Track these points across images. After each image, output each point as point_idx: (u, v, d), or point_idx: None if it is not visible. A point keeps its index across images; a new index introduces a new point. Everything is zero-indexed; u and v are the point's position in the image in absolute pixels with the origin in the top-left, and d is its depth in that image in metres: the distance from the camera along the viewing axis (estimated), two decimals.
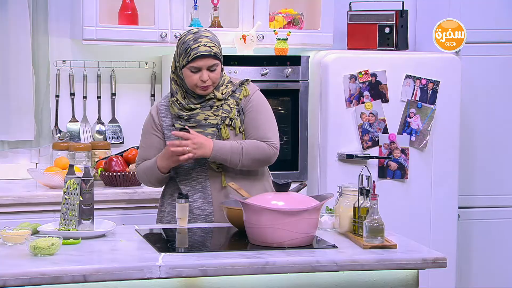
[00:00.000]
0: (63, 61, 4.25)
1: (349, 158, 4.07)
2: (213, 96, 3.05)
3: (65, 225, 2.76)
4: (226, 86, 3.09)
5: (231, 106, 3.07)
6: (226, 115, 3.05)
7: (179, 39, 3.04)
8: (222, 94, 3.06)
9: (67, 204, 2.77)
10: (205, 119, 3.04)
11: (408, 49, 4.44)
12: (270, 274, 2.50)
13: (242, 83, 3.12)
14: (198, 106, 3.05)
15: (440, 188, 4.22)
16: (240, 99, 3.09)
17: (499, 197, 4.58)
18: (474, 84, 4.48)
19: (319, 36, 4.30)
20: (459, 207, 4.33)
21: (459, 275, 4.46)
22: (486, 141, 4.55)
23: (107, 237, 2.76)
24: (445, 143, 4.22)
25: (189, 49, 2.97)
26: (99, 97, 4.32)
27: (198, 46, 2.97)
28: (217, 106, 3.05)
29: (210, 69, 2.99)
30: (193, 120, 3.04)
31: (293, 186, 2.89)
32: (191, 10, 4.23)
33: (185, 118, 3.04)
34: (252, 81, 4.03)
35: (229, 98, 3.07)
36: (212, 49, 2.98)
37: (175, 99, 3.06)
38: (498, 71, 4.52)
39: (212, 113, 3.04)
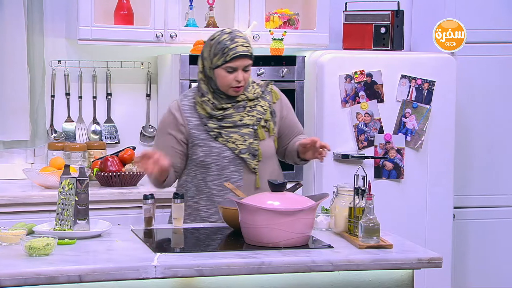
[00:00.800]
0: (59, 61, 4.25)
1: (344, 158, 4.07)
2: (244, 98, 3.05)
3: (60, 225, 2.76)
4: (253, 86, 3.09)
5: (264, 108, 3.08)
6: (261, 117, 3.06)
7: (212, 39, 3.03)
8: (253, 94, 3.06)
9: (62, 204, 2.76)
10: (240, 120, 3.03)
11: (403, 49, 4.45)
12: (265, 274, 2.50)
13: (267, 85, 3.13)
14: (229, 106, 3.04)
15: (436, 188, 4.23)
16: (273, 102, 3.11)
17: (495, 197, 4.58)
18: (470, 84, 4.48)
19: (315, 36, 4.31)
20: (455, 207, 4.34)
21: (455, 275, 4.46)
22: (481, 141, 4.55)
23: (103, 237, 2.76)
24: (440, 143, 4.23)
25: (227, 48, 2.97)
26: (94, 97, 4.32)
27: (236, 46, 2.97)
28: (250, 107, 3.05)
29: (244, 69, 3.00)
30: (228, 121, 3.03)
31: (288, 186, 2.89)
32: (187, 10, 4.23)
33: (218, 118, 3.02)
34: None
35: (259, 99, 3.08)
36: (249, 50, 3.00)
37: (207, 99, 3.04)
38: (494, 71, 4.52)
39: (246, 113, 3.04)
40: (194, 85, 3.87)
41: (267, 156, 3.08)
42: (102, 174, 3.91)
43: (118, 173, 3.90)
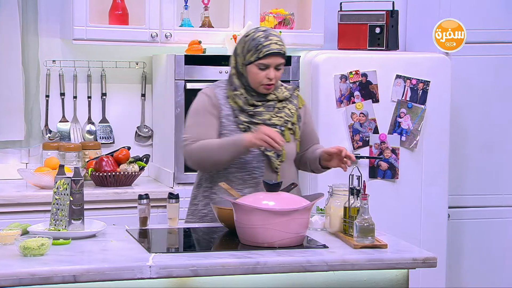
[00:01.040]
0: (53, 61, 4.24)
1: None
2: (274, 98, 3.06)
3: (55, 225, 2.75)
4: (281, 89, 3.11)
5: (291, 111, 3.09)
6: (288, 119, 3.07)
7: (247, 36, 3.03)
8: (282, 95, 3.08)
9: (57, 204, 2.76)
10: (269, 119, 3.04)
11: (398, 49, 4.45)
12: (261, 274, 2.50)
13: (294, 90, 3.15)
14: (260, 104, 3.04)
15: (431, 188, 4.23)
16: (300, 108, 3.13)
17: (489, 196, 4.59)
18: (464, 84, 4.49)
19: (310, 36, 4.31)
20: (449, 207, 4.34)
21: (449, 274, 4.47)
22: (476, 141, 4.56)
23: (98, 237, 2.75)
24: (435, 143, 4.23)
25: (260, 45, 2.97)
26: (89, 97, 4.32)
27: (270, 43, 2.97)
28: (278, 108, 3.07)
29: (277, 67, 3.00)
30: (258, 118, 3.03)
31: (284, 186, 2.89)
32: (182, 10, 4.23)
33: (249, 113, 3.03)
34: None
35: (287, 102, 3.09)
36: (282, 48, 3.00)
37: (239, 93, 3.04)
38: (488, 71, 4.53)
39: (275, 114, 3.05)
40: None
41: (289, 158, 3.10)
42: (97, 174, 3.90)
43: (113, 173, 3.90)
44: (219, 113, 3.04)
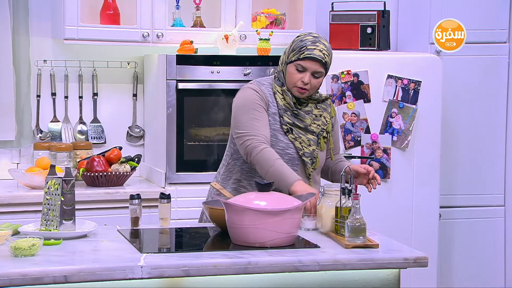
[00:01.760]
0: (44, 60, 4.23)
1: None
2: (312, 104, 3.04)
3: (46, 225, 2.75)
4: (317, 95, 3.07)
5: (326, 119, 3.08)
6: (324, 128, 3.07)
7: (298, 36, 3.03)
8: (321, 98, 3.06)
9: (48, 204, 2.75)
10: (309, 125, 3.03)
11: (390, 49, 4.46)
12: (252, 274, 2.50)
13: (327, 99, 3.12)
14: (300, 106, 3.03)
15: (422, 188, 4.24)
16: (332, 117, 3.12)
17: (480, 196, 4.60)
18: (455, 84, 4.50)
19: None
20: (441, 207, 4.35)
21: (441, 274, 4.48)
22: (467, 140, 4.57)
23: (89, 238, 2.75)
24: (426, 142, 4.24)
25: (305, 47, 2.96)
26: (80, 97, 4.31)
27: (315, 48, 2.96)
28: (316, 115, 3.06)
29: (314, 74, 2.98)
30: (301, 121, 3.02)
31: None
32: (173, 10, 4.23)
33: (294, 112, 3.01)
34: (234, 81, 4.07)
35: (323, 110, 3.08)
36: (325, 57, 2.98)
37: (286, 89, 3.02)
38: (480, 71, 4.55)
39: (313, 121, 3.04)
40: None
41: (320, 166, 3.10)
42: (88, 174, 3.90)
43: (105, 173, 3.89)
44: (266, 109, 3.02)
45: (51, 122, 4.27)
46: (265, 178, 2.89)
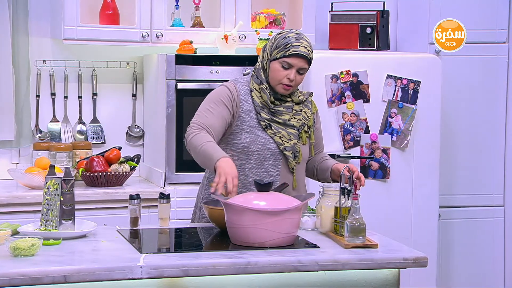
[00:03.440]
0: (44, 60, 4.23)
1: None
2: (290, 100, 3.06)
3: (45, 225, 2.75)
4: (297, 93, 3.10)
5: (307, 114, 3.10)
6: (305, 122, 3.09)
7: (279, 33, 3.03)
8: (298, 98, 3.08)
9: (47, 204, 2.75)
10: (288, 120, 3.05)
11: (389, 49, 4.46)
12: (252, 274, 2.50)
13: (309, 95, 3.15)
14: (278, 103, 3.04)
15: (421, 188, 4.24)
16: (313, 113, 3.14)
17: (480, 196, 4.60)
18: (455, 84, 4.50)
19: None
20: (440, 207, 4.35)
21: (440, 274, 4.48)
22: (466, 141, 4.57)
23: (88, 238, 2.75)
24: (426, 143, 4.24)
25: (290, 45, 2.97)
26: (80, 97, 4.31)
27: (300, 45, 2.98)
28: (296, 110, 3.07)
29: (299, 71, 3.00)
30: (279, 116, 3.03)
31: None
32: (173, 10, 4.23)
33: (271, 110, 3.02)
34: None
35: (303, 106, 3.10)
36: (310, 54, 3.01)
37: (265, 87, 3.04)
38: (478, 71, 4.55)
39: (293, 116, 3.06)
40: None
41: (303, 160, 3.11)
42: (87, 174, 3.90)
43: (104, 173, 3.89)
44: (237, 108, 3.02)
45: (50, 122, 4.27)
46: (196, 160, 2.89)
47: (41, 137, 4.23)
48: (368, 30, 4.35)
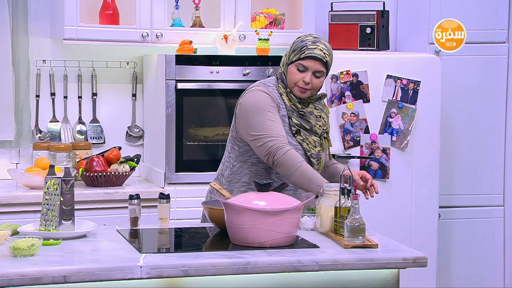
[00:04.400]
0: (44, 60, 4.23)
1: None
2: (312, 106, 3.05)
3: (45, 225, 2.75)
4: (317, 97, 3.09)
5: (325, 120, 3.10)
6: (325, 128, 3.09)
7: (299, 37, 3.04)
8: (316, 101, 3.06)
9: (47, 204, 2.75)
10: (314, 126, 3.05)
11: (389, 49, 4.46)
12: (251, 274, 2.50)
13: (324, 96, 3.13)
14: (302, 107, 3.03)
15: (421, 188, 4.24)
16: (327, 116, 3.13)
17: (479, 196, 4.60)
18: (454, 84, 4.50)
19: None
20: (440, 207, 4.36)
21: (440, 274, 4.48)
22: (466, 141, 4.57)
23: (88, 238, 2.75)
24: (425, 143, 4.24)
25: (305, 47, 2.98)
26: (80, 97, 4.31)
27: (315, 48, 2.97)
28: (316, 116, 3.07)
29: (315, 74, 2.99)
30: (307, 121, 3.02)
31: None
32: (173, 10, 4.23)
33: (300, 112, 3.02)
34: (234, 81, 4.07)
35: (320, 111, 3.09)
36: (326, 57, 2.99)
37: (289, 91, 3.03)
38: (478, 71, 4.55)
39: (315, 122, 3.06)
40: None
41: (322, 167, 3.11)
42: (87, 174, 3.90)
43: (104, 173, 3.89)
44: (279, 112, 3.02)
45: (50, 122, 4.27)
46: (289, 179, 2.91)
47: (41, 137, 4.23)
48: (368, 30, 4.35)
